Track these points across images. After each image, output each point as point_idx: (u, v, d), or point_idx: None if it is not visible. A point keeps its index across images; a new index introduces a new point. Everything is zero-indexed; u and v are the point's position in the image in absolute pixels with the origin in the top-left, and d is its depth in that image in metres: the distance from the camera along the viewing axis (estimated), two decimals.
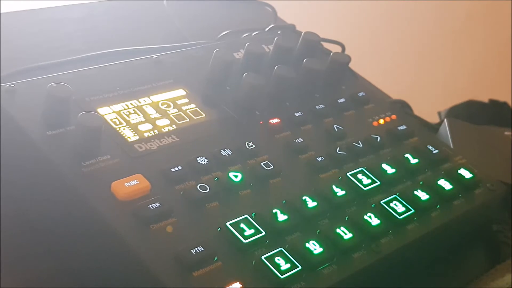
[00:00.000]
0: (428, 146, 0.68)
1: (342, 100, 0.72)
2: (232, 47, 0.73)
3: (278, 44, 0.73)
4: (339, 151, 0.64)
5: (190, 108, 0.64)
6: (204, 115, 0.64)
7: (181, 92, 0.66)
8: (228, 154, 0.59)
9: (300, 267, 0.52)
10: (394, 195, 0.61)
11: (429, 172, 0.66)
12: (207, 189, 0.55)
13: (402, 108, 0.82)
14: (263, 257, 0.51)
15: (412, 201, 0.61)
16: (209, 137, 0.61)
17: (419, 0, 1.76)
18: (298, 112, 0.67)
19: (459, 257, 0.67)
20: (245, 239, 0.52)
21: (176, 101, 0.64)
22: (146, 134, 0.59)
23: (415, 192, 0.62)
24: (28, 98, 0.58)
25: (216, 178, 0.57)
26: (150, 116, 0.61)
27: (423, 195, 0.62)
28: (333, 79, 0.74)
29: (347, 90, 0.74)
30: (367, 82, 0.89)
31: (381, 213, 0.59)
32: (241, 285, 0.49)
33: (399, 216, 0.59)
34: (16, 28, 0.80)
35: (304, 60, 0.71)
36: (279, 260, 0.52)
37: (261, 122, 0.65)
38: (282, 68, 0.68)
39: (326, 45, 0.82)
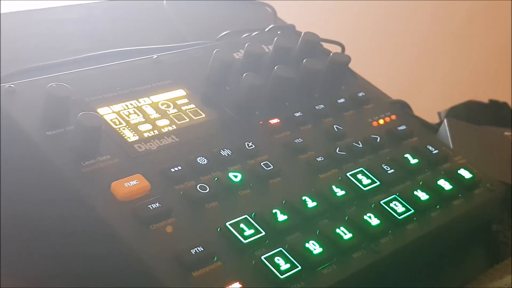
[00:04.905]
0: (427, 146, 0.69)
1: (341, 100, 0.72)
2: (232, 47, 0.73)
3: (278, 44, 0.73)
4: (338, 151, 0.64)
5: (190, 108, 0.64)
6: (204, 115, 0.64)
7: (181, 92, 0.66)
8: (227, 154, 0.59)
9: (299, 267, 0.52)
10: (394, 195, 0.61)
11: (429, 172, 0.66)
12: (206, 189, 0.55)
13: (402, 108, 0.82)
14: (262, 257, 0.51)
15: (412, 201, 0.61)
16: (209, 137, 0.61)
17: (419, 0, 1.76)
18: (297, 112, 0.67)
19: (459, 257, 0.67)
20: (244, 239, 0.52)
21: (176, 101, 0.64)
22: (146, 134, 0.59)
23: (415, 192, 0.62)
24: (28, 98, 0.58)
25: (216, 178, 0.57)
26: (150, 116, 0.61)
27: (423, 195, 0.62)
28: (332, 79, 0.74)
29: (347, 90, 0.74)
30: (367, 82, 0.89)
31: (381, 213, 0.59)
32: (240, 285, 0.49)
33: (399, 216, 0.59)
34: (16, 28, 0.80)
35: (304, 61, 0.71)
36: (278, 260, 0.52)
37: (261, 122, 0.65)
38: (281, 68, 0.68)
39: (326, 45, 0.82)
